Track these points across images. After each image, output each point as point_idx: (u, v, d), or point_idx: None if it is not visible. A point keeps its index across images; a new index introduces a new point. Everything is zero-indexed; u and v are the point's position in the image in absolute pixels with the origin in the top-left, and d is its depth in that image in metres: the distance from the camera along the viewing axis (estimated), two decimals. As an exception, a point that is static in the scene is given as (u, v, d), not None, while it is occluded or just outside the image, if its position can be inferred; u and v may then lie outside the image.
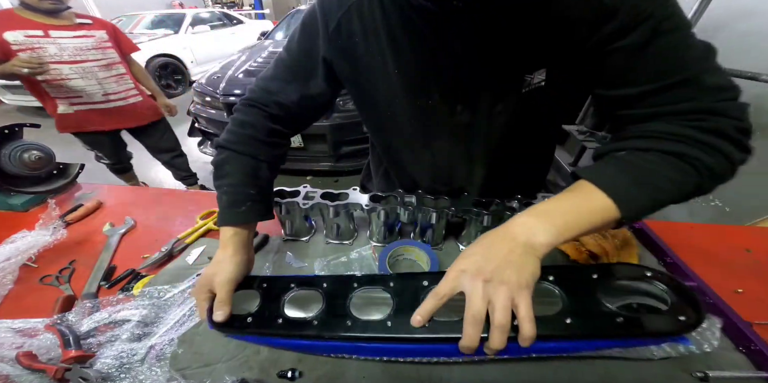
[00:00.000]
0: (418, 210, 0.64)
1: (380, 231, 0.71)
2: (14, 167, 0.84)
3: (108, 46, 1.73)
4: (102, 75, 1.71)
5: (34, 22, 1.51)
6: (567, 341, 0.39)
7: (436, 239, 0.71)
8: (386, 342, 0.43)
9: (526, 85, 0.50)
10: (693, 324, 0.37)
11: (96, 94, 1.73)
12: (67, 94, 1.67)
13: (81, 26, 1.65)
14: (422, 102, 0.57)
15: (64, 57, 1.59)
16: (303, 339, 0.47)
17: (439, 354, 0.45)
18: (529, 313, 0.35)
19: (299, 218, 0.71)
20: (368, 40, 0.53)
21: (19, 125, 0.87)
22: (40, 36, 1.52)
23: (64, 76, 1.61)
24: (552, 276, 0.42)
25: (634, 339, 0.39)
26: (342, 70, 0.59)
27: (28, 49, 1.50)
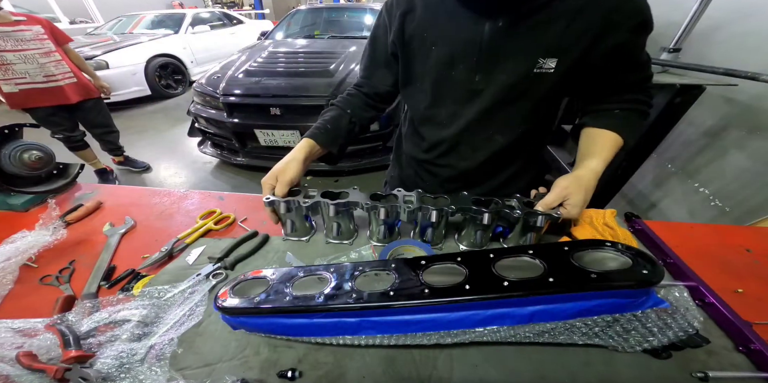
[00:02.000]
0: (419, 209, 0.64)
1: (380, 231, 0.71)
2: (14, 167, 0.84)
3: (44, 38, 2.17)
4: (42, 61, 2.15)
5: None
6: (553, 295, 0.43)
7: (435, 238, 0.71)
8: (390, 311, 0.46)
9: (538, 66, 0.62)
10: (654, 274, 0.42)
11: (37, 76, 2.17)
12: (12, 76, 2.10)
13: (17, 22, 2.07)
14: (449, 72, 0.69)
15: (8, 47, 2.04)
16: (310, 313, 0.48)
17: (440, 326, 0.47)
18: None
19: (299, 217, 0.71)
20: (420, 21, 0.69)
21: (19, 125, 0.87)
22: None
23: (9, 61, 2.06)
24: (531, 250, 0.50)
25: (608, 291, 0.43)
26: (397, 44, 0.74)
27: None
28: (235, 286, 0.55)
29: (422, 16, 0.68)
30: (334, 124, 0.79)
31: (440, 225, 0.68)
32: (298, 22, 4.12)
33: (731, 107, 1.53)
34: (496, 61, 0.64)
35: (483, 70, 0.66)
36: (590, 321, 0.45)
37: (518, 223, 0.65)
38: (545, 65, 0.62)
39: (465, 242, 0.72)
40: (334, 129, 0.79)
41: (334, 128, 0.79)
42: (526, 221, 0.64)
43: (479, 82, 0.67)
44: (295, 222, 0.72)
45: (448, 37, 0.66)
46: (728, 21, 1.54)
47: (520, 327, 0.46)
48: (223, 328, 0.55)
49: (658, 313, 0.44)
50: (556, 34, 0.59)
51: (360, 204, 0.67)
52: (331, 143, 0.78)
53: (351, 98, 0.84)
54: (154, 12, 5.88)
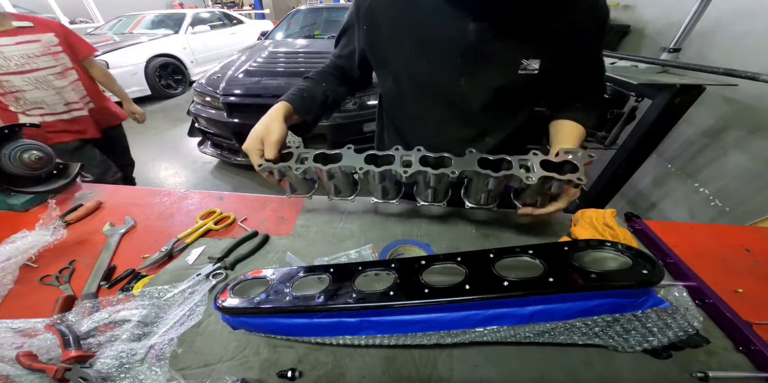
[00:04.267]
0: (417, 173, 0.61)
1: (380, 189, 0.69)
2: (14, 167, 0.84)
3: (59, 50, 1.53)
4: (59, 84, 1.55)
5: None
6: (553, 295, 0.43)
7: (438, 196, 0.69)
8: (389, 311, 0.46)
9: (522, 68, 0.63)
10: (654, 274, 0.42)
11: (57, 105, 1.59)
12: (28, 106, 1.53)
13: (20, 30, 1.44)
14: (431, 77, 0.68)
15: (11, 67, 1.42)
16: (310, 313, 0.48)
17: (440, 326, 0.47)
18: None
19: (297, 178, 0.70)
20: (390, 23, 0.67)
21: (19, 125, 0.87)
22: None
23: (18, 88, 1.46)
24: (531, 250, 0.49)
25: (608, 291, 0.43)
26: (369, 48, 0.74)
27: None
28: (235, 286, 0.55)
29: (398, 14, 0.66)
30: (310, 93, 0.77)
31: (442, 186, 0.64)
32: (298, 22, 4.12)
33: (731, 107, 1.53)
34: (482, 64, 0.64)
35: (469, 73, 0.65)
36: (590, 321, 0.45)
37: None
38: (529, 66, 0.63)
39: (471, 199, 0.68)
40: (310, 98, 0.77)
41: (310, 97, 0.77)
42: (542, 186, 0.58)
43: (464, 85, 0.66)
44: (294, 183, 0.72)
45: (428, 39, 0.64)
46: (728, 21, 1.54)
47: (520, 327, 0.46)
48: (223, 328, 0.55)
49: (658, 313, 0.44)
50: (537, 35, 0.61)
51: (354, 169, 0.63)
52: (306, 111, 0.76)
53: (326, 73, 0.83)
54: (154, 12, 5.88)
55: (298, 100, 0.74)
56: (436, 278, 0.48)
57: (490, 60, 0.63)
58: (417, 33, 0.65)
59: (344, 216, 0.84)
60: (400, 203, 0.74)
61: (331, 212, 0.86)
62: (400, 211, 0.85)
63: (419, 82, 0.70)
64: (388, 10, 0.67)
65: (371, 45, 0.73)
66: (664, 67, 1.53)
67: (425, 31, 0.64)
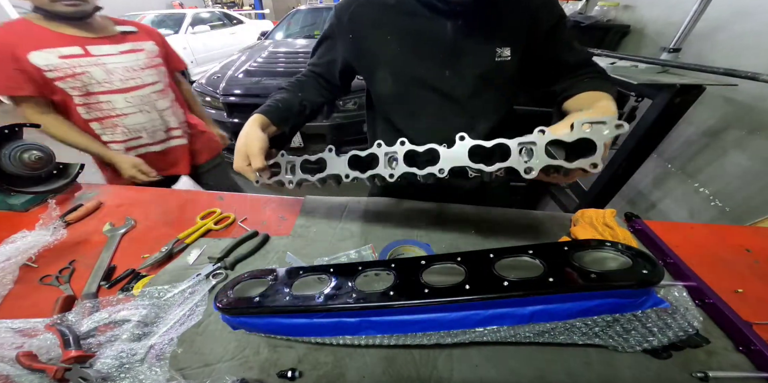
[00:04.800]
0: (402, 177, 0.57)
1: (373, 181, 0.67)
2: (14, 167, 0.84)
3: (159, 62, 1.23)
4: (162, 105, 1.22)
5: (64, 35, 1.03)
6: (553, 295, 0.43)
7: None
8: (389, 311, 0.46)
9: (497, 55, 0.71)
10: (654, 274, 0.41)
11: (158, 132, 1.23)
12: (128, 136, 1.16)
13: (125, 37, 1.15)
14: (418, 71, 0.73)
15: (115, 83, 1.09)
16: (310, 313, 0.48)
17: (440, 326, 0.47)
18: None
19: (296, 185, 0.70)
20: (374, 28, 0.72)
21: (19, 125, 0.87)
22: (79, 55, 1.04)
23: (120, 111, 1.12)
24: (531, 250, 0.49)
25: (608, 291, 0.43)
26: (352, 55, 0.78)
27: (68, 77, 1.02)
28: (235, 286, 0.55)
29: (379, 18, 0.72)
30: (285, 104, 0.78)
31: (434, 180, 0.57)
32: (298, 22, 4.12)
33: (731, 107, 1.53)
34: (461, 56, 0.71)
35: (451, 65, 0.72)
36: (590, 321, 0.45)
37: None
38: (503, 54, 0.70)
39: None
40: (286, 109, 0.78)
41: (286, 107, 0.78)
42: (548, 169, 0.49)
43: (450, 76, 0.73)
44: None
45: (413, 39, 0.71)
46: (728, 21, 1.54)
47: (520, 327, 0.46)
48: (223, 328, 0.55)
49: (658, 313, 0.44)
50: (505, 26, 0.69)
51: (340, 177, 0.63)
52: (282, 121, 0.77)
53: (302, 82, 0.84)
54: (154, 12, 5.87)
55: (273, 111, 0.76)
56: (436, 279, 0.48)
57: (468, 52, 0.71)
58: (401, 35, 0.71)
59: (344, 216, 0.84)
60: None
61: (331, 212, 0.86)
62: (400, 211, 0.85)
63: (412, 77, 0.75)
64: (370, 16, 0.72)
65: (359, 52, 0.76)
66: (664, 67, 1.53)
67: (408, 32, 0.71)
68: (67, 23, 1.05)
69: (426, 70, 0.73)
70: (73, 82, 1.04)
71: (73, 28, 1.06)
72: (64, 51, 1.02)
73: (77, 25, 1.06)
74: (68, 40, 1.04)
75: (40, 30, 1.02)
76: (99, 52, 1.08)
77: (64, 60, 1.02)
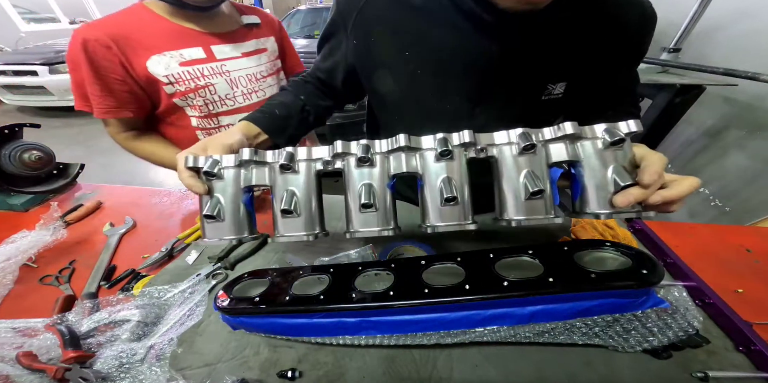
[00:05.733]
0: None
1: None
2: (14, 167, 0.84)
3: (279, 67, 0.97)
4: None
5: (186, 30, 0.77)
6: (553, 295, 0.43)
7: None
8: (389, 311, 0.46)
9: (547, 93, 0.55)
10: (654, 274, 0.41)
11: None
12: None
13: (249, 31, 0.86)
14: (440, 104, 0.57)
15: (237, 99, 0.85)
16: (310, 313, 0.48)
17: (440, 326, 0.47)
18: None
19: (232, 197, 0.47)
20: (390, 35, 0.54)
21: (19, 125, 0.87)
22: (201, 60, 0.78)
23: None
24: (531, 250, 0.49)
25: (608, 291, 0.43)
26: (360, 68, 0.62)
27: (189, 92, 0.77)
28: (235, 286, 0.55)
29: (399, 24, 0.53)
30: (284, 110, 0.62)
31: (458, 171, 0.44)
32: (298, 22, 4.12)
33: (731, 107, 1.53)
34: (501, 91, 0.54)
35: (483, 101, 0.56)
36: (590, 321, 0.45)
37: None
38: (554, 91, 0.54)
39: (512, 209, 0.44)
40: (284, 117, 0.61)
41: (284, 115, 0.61)
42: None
43: (478, 114, 0.57)
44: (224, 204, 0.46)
45: (440, 59, 0.52)
46: (728, 21, 1.54)
47: (520, 327, 0.46)
48: (223, 328, 0.55)
49: (658, 313, 0.44)
50: (569, 53, 0.51)
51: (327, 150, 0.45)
52: (277, 131, 0.59)
53: (306, 84, 0.68)
54: (154, 12, 5.86)
55: (267, 118, 0.59)
56: (436, 279, 0.48)
57: (510, 86, 0.53)
58: (424, 52, 0.53)
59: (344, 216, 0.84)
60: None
61: (330, 212, 0.86)
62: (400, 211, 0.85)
63: (429, 111, 0.58)
64: (386, 18, 0.53)
65: (365, 63, 0.60)
66: (664, 67, 1.53)
67: (436, 49, 0.52)
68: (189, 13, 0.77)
69: (450, 104, 0.57)
70: (194, 98, 0.78)
71: (192, 21, 0.77)
72: (186, 54, 0.75)
73: (200, 17, 0.78)
74: (189, 37, 0.76)
75: (162, 23, 0.75)
76: (222, 54, 0.80)
77: (186, 68, 0.75)
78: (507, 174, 0.42)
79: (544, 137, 0.43)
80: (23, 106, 4.38)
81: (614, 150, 0.41)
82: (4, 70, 3.91)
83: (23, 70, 3.88)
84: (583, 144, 0.42)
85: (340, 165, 0.45)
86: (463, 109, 0.57)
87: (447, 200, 0.41)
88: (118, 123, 0.80)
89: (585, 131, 0.42)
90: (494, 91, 0.55)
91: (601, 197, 0.42)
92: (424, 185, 0.44)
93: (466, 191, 0.43)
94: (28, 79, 3.88)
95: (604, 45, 0.52)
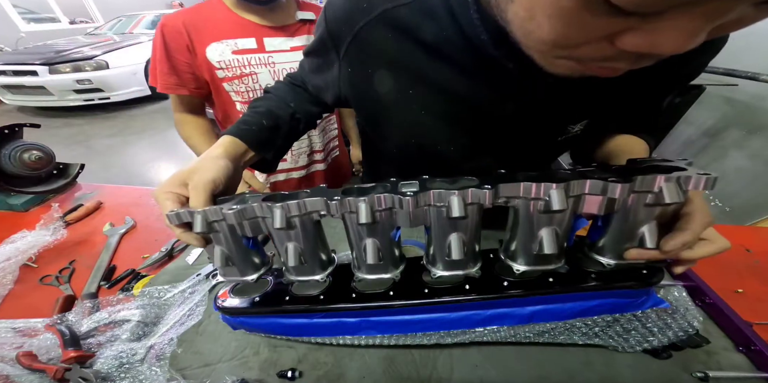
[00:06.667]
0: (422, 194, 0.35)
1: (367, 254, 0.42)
2: (14, 167, 0.84)
3: None
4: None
5: (245, 22, 0.84)
6: (553, 295, 0.43)
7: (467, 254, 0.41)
8: (389, 311, 0.46)
9: (564, 134, 0.50)
10: (654, 274, 0.41)
11: (302, 155, 1.02)
12: None
13: (303, 27, 0.90)
14: (444, 146, 0.52)
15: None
16: (309, 313, 0.48)
17: (440, 326, 0.47)
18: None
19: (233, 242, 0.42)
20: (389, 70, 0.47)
21: (19, 125, 0.88)
22: (252, 50, 0.85)
23: None
24: None
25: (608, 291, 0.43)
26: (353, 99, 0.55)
27: (236, 78, 0.85)
28: (235, 286, 0.55)
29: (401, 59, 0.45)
30: (272, 120, 0.55)
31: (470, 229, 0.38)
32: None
33: (731, 107, 1.53)
34: (516, 138, 0.49)
35: (498, 150, 0.52)
36: (590, 321, 0.45)
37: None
38: (573, 130, 0.49)
39: (521, 259, 0.41)
40: (272, 127, 0.54)
41: (272, 126, 0.54)
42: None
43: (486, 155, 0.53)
44: (229, 252, 0.42)
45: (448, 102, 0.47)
46: (728, 21, 1.54)
47: (520, 327, 0.46)
48: (223, 328, 0.55)
49: (658, 313, 0.44)
50: (595, 94, 0.44)
51: (324, 203, 0.37)
52: (265, 145, 0.53)
53: (294, 88, 0.61)
54: (154, 12, 5.87)
55: (253, 132, 0.52)
56: None
57: (528, 132, 0.48)
58: (430, 92, 0.46)
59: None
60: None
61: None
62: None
63: (423, 149, 0.53)
64: (386, 50, 0.44)
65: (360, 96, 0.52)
66: (664, 67, 1.53)
67: (444, 92, 0.46)
68: (251, 6, 0.84)
69: (455, 146, 0.52)
70: (239, 85, 0.86)
71: (252, 13, 0.84)
72: (240, 43, 0.83)
73: (260, 10, 0.84)
74: (247, 28, 0.84)
75: (227, 14, 0.84)
76: (272, 46, 0.86)
77: (237, 56, 0.83)
78: (525, 228, 0.37)
79: (583, 190, 0.32)
80: (23, 106, 4.38)
81: (662, 208, 0.32)
82: (4, 70, 3.91)
83: (23, 70, 3.89)
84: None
85: (339, 215, 0.39)
86: (469, 151, 0.53)
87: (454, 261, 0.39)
88: (178, 100, 0.93)
89: (638, 179, 0.30)
90: (507, 136, 0.50)
91: (616, 249, 0.37)
92: (431, 236, 0.40)
93: (475, 245, 0.41)
94: (28, 79, 3.89)
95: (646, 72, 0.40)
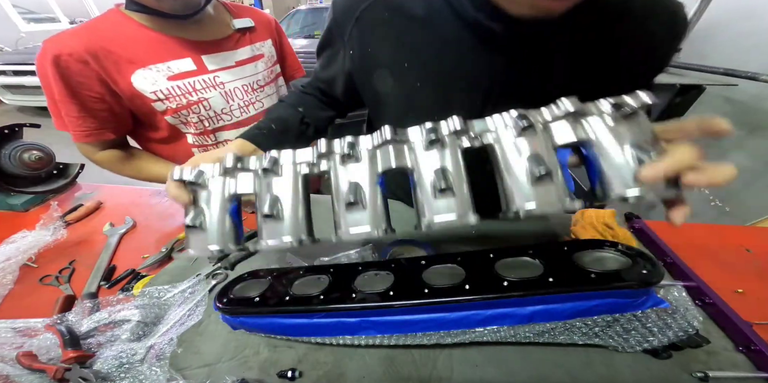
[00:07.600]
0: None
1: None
2: (14, 167, 0.84)
3: (278, 73, 0.90)
4: None
5: (171, 40, 0.70)
6: (553, 295, 0.43)
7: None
8: (389, 311, 0.46)
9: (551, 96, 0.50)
10: (654, 274, 0.41)
11: None
12: None
13: (243, 37, 0.80)
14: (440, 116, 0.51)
15: (234, 113, 0.79)
16: (310, 313, 0.48)
17: (440, 326, 0.47)
18: None
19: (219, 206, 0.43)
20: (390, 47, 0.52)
21: (19, 125, 0.87)
22: (192, 72, 0.72)
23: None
24: (531, 251, 0.49)
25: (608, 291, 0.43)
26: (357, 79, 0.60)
27: (181, 109, 0.72)
28: (235, 286, 0.55)
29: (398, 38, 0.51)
30: (282, 124, 0.60)
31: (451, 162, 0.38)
32: (299, 22, 4.13)
33: (731, 107, 1.53)
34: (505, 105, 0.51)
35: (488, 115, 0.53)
36: (590, 321, 0.45)
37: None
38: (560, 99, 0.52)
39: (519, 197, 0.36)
40: (281, 131, 0.59)
41: (282, 130, 0.59)
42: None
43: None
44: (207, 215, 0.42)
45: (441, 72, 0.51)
46: (728, 21, 1.55)
47: (520, 327, 0.46)
48: (223, 328, 0.55)
49: (658, 313, 0.44)
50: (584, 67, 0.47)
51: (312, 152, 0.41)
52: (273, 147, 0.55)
53: (304, 96, 0.67)
54: (154, 12, 5.86)
55: (263, 135, 0.56)
56: (436, 279, 0.48)
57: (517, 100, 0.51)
58: (424, 64, 0.51)
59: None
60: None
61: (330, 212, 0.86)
62: (400, 212, 0.85)
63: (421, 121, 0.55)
64: (384, 28, 0.51)
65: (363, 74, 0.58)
66: (664, 67, 1.53)
67: (437, 63, 0.50)
68: (171, 21, 0.70)
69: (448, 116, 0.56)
70: (188, 115, 0.72)
71: (176, 29, 0.70)
72: (174, 66, 0.69)
73: (184, 24, 0.71)
74: (177, 47, 0.70)
75: (144, 33, 0.68)
76: (214, 65, 0.73)
77: (175, 82, 0.69)
78: (507, 161, 0.36)
79: (544, 118, 0.37)
80: (23, 106, 4.38)
81: (629, 124, 0.34)
82: (4, 70, 3.91)
83: (23, 70, 3.88)
84: (590, 121, 0.35)
85: (326, 167, 0.41)
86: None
87: (441, 191, 0.36)
88: (99, 146, 0.76)
89: (589, 107, 0.36)
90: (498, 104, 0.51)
91: (624, 177, 0.33)
92: (416, 180, 0.38)
93: (464, 184, 0.37)
94: (28, 79, 3.88)
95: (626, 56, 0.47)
